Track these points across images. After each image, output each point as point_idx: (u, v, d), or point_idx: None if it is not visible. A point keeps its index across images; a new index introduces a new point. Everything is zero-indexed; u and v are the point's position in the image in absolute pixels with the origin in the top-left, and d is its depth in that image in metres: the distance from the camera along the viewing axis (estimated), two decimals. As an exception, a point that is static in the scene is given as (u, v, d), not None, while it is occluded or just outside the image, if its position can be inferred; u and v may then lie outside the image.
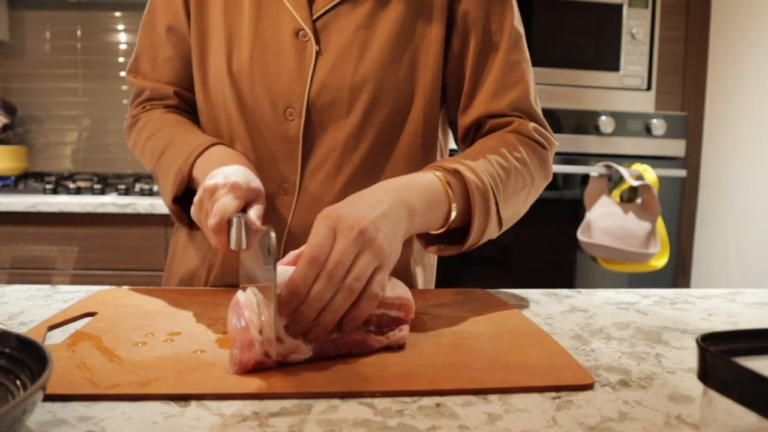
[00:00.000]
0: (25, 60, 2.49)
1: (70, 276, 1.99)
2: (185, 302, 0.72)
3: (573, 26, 2.20)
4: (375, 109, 0.79)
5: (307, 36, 0.78)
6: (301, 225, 0.80)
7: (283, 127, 0.79)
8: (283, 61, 0.78)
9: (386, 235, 0.57)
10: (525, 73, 0.82)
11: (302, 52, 0.78)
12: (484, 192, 0.69)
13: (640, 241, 2.04)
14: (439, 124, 0.86)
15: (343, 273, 0.54)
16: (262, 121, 0.80)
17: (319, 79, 0.78)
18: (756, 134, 2.06)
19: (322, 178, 0.80)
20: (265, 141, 0.80)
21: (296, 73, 0.78)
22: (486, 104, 0.81)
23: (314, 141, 0.80)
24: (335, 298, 0.54)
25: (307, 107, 0.78)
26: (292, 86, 0.78)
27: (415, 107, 0.81)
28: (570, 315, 0.73)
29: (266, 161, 0.81)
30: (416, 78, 0.80)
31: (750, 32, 2.09)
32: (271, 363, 0.52)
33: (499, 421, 0.43)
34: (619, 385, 0.51)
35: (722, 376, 0.33)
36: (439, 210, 0.67)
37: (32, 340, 0.43)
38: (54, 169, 2.51)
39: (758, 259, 2.02)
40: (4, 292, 0.78)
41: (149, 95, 0.89)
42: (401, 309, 0.59)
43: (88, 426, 0.42)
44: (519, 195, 0.77)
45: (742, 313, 0.77)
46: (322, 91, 0.78)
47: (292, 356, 0.53)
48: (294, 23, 0.78)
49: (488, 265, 2.16)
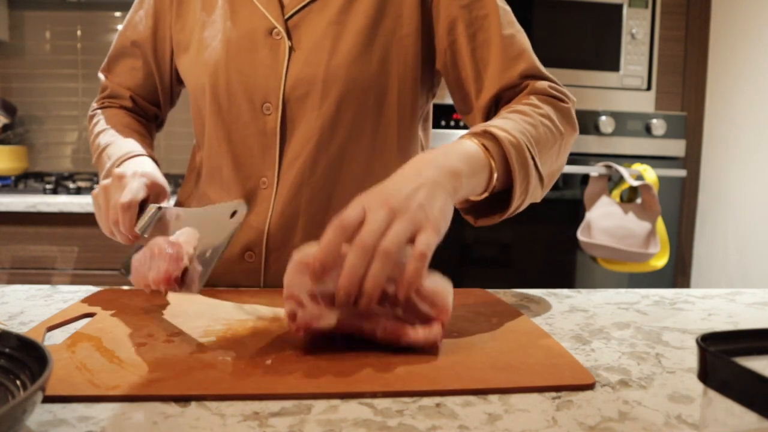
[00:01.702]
0: (25, 60, 2.49)
1: (70, 276, 1.99)
2: (185, 302, 0.72)
3: (573, 26, 2.20)
4: (348, 101, 0.82)
5: (280, 34, 0.82)
6: (281, 217, 0.84)
7: (261, 121, 0.83)
8: (258, 59, 0.82)
9: (422, 202, 0.56)
10: (523, 44, 0.83)
11: (276, 49, 0.82)
12: (518, 147, 0.68)
13: (640, 241, 2.04)
14: (418, 117, 0.88)
15: (375, 240, 0.52)
16: (239, 118, 0.84)
17: (293, 73, 0.81)
18: (756, 134, 2.05)
19: (300, 169, 0.83)
20: (243, 138, 0.84)
21: (271, 69, 0.82)
22: (497, 81, 0.81)
23: (291, 134, 0.83)
24: (373, 265, 0.52)
25: (283, 101, 0.82)
26: (268, 81, 0.82)
27: (388, 99, 0.84)
28: (570, 315, 0.73)
29: (244, 158, 0.84)
30: (389, 71, 0.83)
31: (750, 32, 2.09)
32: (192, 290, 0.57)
33: (499, 421, 0.43)
34: (619, 385, 0.51)
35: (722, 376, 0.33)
36: (481, 172, 0.65)
37: (32, 340, 0.43)
38: (54, 169, 2.51)
39: (758, 259, 2.02)
40: (4, 292, 0.78)
41: (109, 93, 0.98)
42: (433, 306, 0.56)
43: (88, 426, 0.42)
44: (551, 150, 0.75)
45: (742, 313, 0.77)
46: (297, 85, 0.81)
47: (316, 323, 0.53)
48: (267, 23, 0.82)
49: (488, 265, 2.16)
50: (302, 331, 0.54)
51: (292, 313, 0.54)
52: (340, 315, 0.55)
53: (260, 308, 0.70)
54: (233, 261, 0.86)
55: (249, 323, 0.64)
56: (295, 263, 0.54)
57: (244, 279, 0.87)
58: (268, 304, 0.72)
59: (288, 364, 0.53)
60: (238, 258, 0.86)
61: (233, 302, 0.73)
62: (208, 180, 0.89)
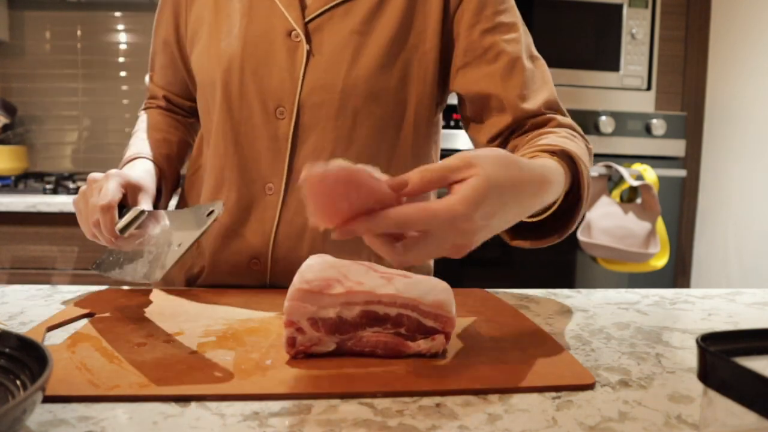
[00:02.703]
0: (25, 60, 2.49)
1: (70, 276, 1.99)
2: (185, 302, 0.72)
3: (573, 26, 2.20)
4: (365, 114, 0.80)
5: (299, 37, 0.79)
6: (288, 226, 0.81)
7: (273, 126, 0.80)
8: (275, 60, 0.79)
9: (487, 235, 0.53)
10: (546, 74, 0.83)
11: (293, 51, 0.79)
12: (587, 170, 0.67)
13: (640, 241, 2.04)
14: (429, 130, 0.86)
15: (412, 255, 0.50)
16: (249, 120, 0.81)
17: (311, 79, 0.79)
18: (756, 134, 2.05)
19: None
20: (251, 140, 0.81)
21: (287, 72, 0.79)
22: (518, 107, 0.79)
23: (303, 142, 0.80)
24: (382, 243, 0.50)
25: (297, 107, 0.79)
26: (283, 85, 0.79)
27: (407, 115, 0.82)
28: (570, 315, 0.73)
29: (250, 162, 0.82)
30: (409, 87, 0.81)
31: (750, 32, 2.09)
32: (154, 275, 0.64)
33: (499, 421, 0.43)
34: (619, 385, 0.51)
35: (722, 376, 0.33)
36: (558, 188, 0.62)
37: (32, 340, 0.43)
38: (54, 169, 2.51)
39: (758, 259, 2.02)
40: (4, 292, 0.78)
41: (149, 94, 1.00)
42: (437, 320, 0.54)
43: (88, 426, 0.42)
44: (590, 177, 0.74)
45: (742, 313, 0.77)
46: (313, 92, 0.79)
47: (314, 348, 0.53)
48: (286, 24, 0.79)
49: (488, 265, 2.16)
50: (300, 355, 0.54)
51: (291, 338, 0.53)
52: (338, 340, 0.54)
53: (260, 307, 0.70)
54: (239, 268, 0.84)
55: (249, 323, 0.64)
56: (296, 290, 0.53)
57: (250, 283, 0.85)
58: (268, 304, 0.72)
59: (288, 364, 0.53)
60: (245, 266, 0.84)
61: (233, 302, 0.73)
62: (209, 177, 0.88)
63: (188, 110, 0.98)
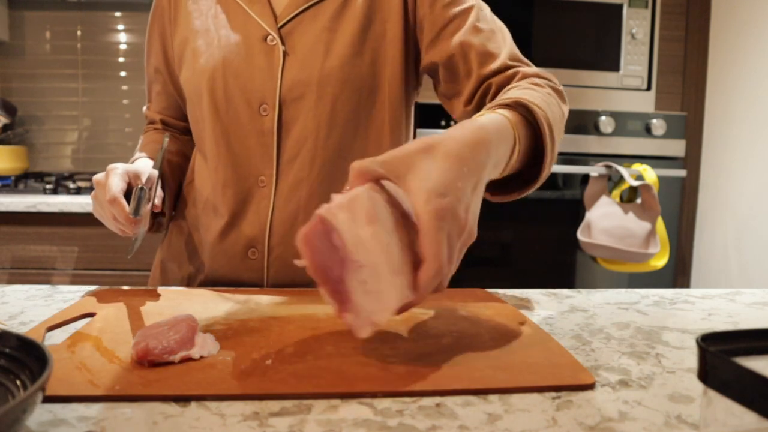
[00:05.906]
0: (25, 60, 2.49)
1: (70, 276, 1.99)
2: (184, 302, 0.73)
3: (573, 26, 2.20)
4: (342, 100, 0.85)
5: (274, 40, 0.86)
6: (282, 213, 0.86)
7: (258, 122, 0.86)
8: (254, 63, 0.86)
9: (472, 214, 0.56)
10: (506, 33, 0.87)
11: (270, 53, 0.86)
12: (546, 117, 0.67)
13: (640, 241, 2.04)
14: (403, 110, 0.92)
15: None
16: (237, 120, 0.87)
17: (289, 76, 0.85)
18: (756, 134, 2.05)
19: (298, 166, 0.86)
20: (241, 138, 0.87)
21: (267, 72, 0.85)
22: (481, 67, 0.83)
23: (287, 133, 0.86)
24: None
25: (279, 102, 0.85)
26: (264, 84, 0.85)
27: (380, 97, 0.88)
28: (570, 315, 0.73)
29: (242, 158, 0.87)
30: (379, 71, 0.87)
31: (750, 32, 2.09)
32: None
33: (499, 421, 0.43)
34: (619, 385, 0.51)
35: (722, 376, 0.33)
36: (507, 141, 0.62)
37: (32, 340, 0.43)
38: (54, 169, 2.51)
39: (758, 259, 2.02)
40: (4, 292, 0.78)
41: (148, 120, 1.06)
42: None
43: (88, 426, 0.42)
44: (560, 124, 0.75)
45: (742, 313, 0.77)
46: (292, 87, 0.85)
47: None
48: (261, 30, 0.86)
49: (488, 265, 2.16)
50: None
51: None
52: None
53: (260, 307, 0.70)
54: (237, 258, 0.88)
55: (249, 323, 0.64)
56: None
57: (248, 276, 0.88)
58: (268, 304, 0.72)
59: (288, 364, 0.53)
60: (242, 255, 0.88)
61: (233, 302, 0.73)
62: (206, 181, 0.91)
63: (182, 130, 1.04)
